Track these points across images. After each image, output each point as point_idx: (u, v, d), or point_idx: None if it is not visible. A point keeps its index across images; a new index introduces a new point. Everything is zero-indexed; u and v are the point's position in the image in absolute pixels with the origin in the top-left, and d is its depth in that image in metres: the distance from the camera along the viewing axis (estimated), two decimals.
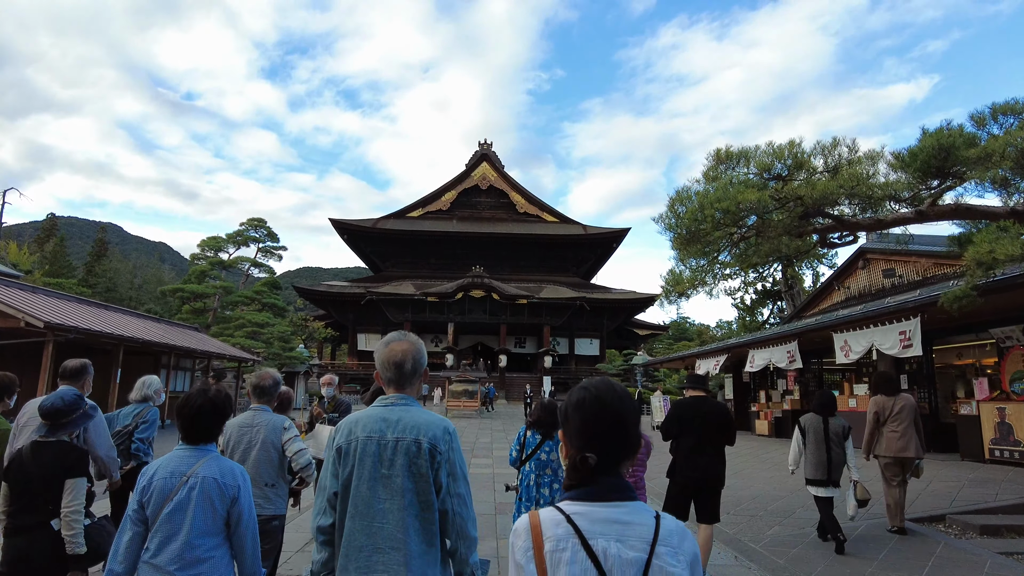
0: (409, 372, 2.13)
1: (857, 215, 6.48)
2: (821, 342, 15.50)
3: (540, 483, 4.53)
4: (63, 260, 61.63)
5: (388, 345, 2.17)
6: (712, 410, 5.13)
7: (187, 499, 2.29)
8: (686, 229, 5.77)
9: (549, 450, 4.60)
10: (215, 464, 2.40)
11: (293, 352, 32.36)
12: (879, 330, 11.36)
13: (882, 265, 18.06)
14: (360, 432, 2.02)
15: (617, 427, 1.29)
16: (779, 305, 41.11)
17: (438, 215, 56.89)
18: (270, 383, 3.81)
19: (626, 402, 1.32)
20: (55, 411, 3.06)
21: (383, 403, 2.10)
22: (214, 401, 2.52)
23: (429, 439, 1.99)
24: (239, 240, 35.68)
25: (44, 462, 2.94)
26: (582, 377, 47.04)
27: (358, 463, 1.98)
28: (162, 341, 17.76)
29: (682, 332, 68.78)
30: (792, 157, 5.68)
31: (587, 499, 1.25)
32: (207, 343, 23.52)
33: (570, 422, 1.34)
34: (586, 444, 1.28)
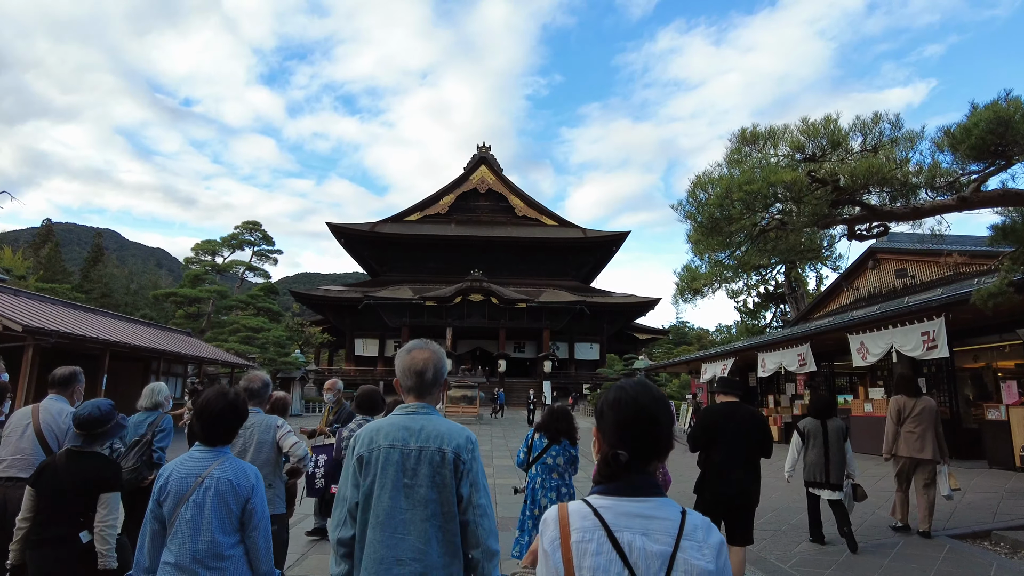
0: (430, 381, 2.10)
1: (887, 204, 5.95)
2: (834, 344, 14.95)
3: (546, 487, 4.57)
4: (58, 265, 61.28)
5: (409, 353, 2.13)
6: (746, 418, 4.57)
7: (203, 500, 2.32)
8: (708, 217, 5.23)
9: (556, 454, 4.63)
10: (229, 465, 2.43)
11: (289, 357, 31.76)
12: (899, 331, 10.82)
13: (893, 265, 17.55)
14: (382, 440, 1.98)
15: (650, 427, 1.33)
16: (781, 308, 40.59)
17: (436, 219, 56.36)
18: (259, 385, 3.83)
19: (660, 403, 1.36)
20: (92, 421, 3.00)
21: (404, 411, 2.06)
22: (234, 404, 2.53)
23: (453, 448, 1.97)
24: (234, 244, 35.08)
25: (78, 473, 2.90)
26: (582, 382, 46.80)
27: (380, 472, 1.94)
28: (150, 346, 17.17)
29: (681, 336, 68.29)
30: (828, 135, 5.16)
31: (615, 494, 1.29)
32: (199, 348, 22.93)
33: (605, 419, 1.38)
34: (619, 441, 1.33)
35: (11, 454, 3.65)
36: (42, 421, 3.73)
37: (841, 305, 20.18)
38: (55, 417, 3.78)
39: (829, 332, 13.32)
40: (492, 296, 45.63)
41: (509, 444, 17.56)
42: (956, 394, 12.38)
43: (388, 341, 50.51)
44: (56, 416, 3.79)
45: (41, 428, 3.72)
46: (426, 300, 45.65)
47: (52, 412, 3.79)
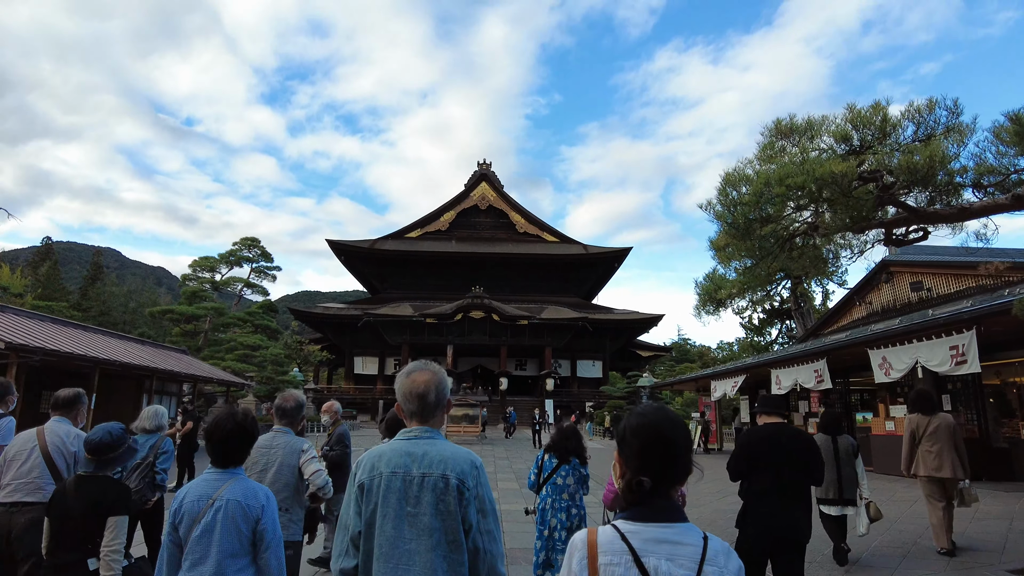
0: (433, 404, 2.04)
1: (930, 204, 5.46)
2: (851, 360, 14.43)
3: (556, 507, 4.51)
4: (56, 283, 60.97)
5: (410, 375, 2.08)
6: (793, 442, 4.03)
7: (213, 521, 2.32)
8: (742, 217, 4.75)
9: (565, 475, 4.60)
10: (240, 486, 2.42)
11: (286, 376, 31.12)
12: (925, 345, 10.29)
13: (908, 278, 17.05)
14: (384, 467, 1.93)
15: (671, 453, 1.36)
16: (787, 324, 40.02)
17: (437, 235, 56.00)
18: (292, 405, 3.74)
19: (680, 430, 1.40)
20: (103, 446, 2.98)
21: (406, 436, 2.01)
22: (243, 425, 2.53)
23: (457, 474, 1.91)
24: (232, 260, 34.63)
25: (86, 497, 2.88)
26: (585, 400, 46.06)
27: (382, 500, 1.88)
28: (142, 363, 16.61)
29: (683, 354, 67.54)
30: (876, 124, 4.70)
31: (641, 519, 1.33)
32: (194, 366, 22.35)
33: (627, 446, 1.42)
34: (642, 468, 1.36)
35: (15, 478, 3.57)
36: (50, 444, 3.66)
37: (853, 320, 19.65)
38: (63, 439, 3.71)
39: (848, 347, 12.78)
40: (493, 313, 45.08)
41: (514, 466, 16.91)
42: (984, 411, 11.81)
43: (388, 359, 49.84)
44: (64, 438, 3.73)
45: (49, 451, 3.65)
46: (426, 317, 45.10)
47: (60, 434, 3.73)
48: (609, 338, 50.83)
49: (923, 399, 6.76)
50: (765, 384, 20.18)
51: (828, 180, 4.31)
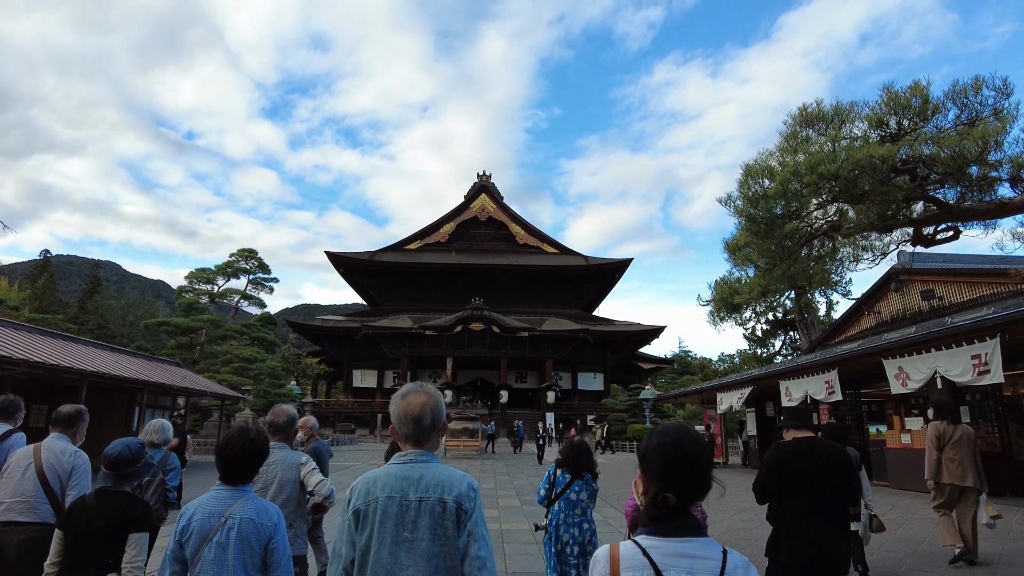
0: (428, 427, 1.99)
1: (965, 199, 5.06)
2: (863, 370, 13.98)
3: (569, 523, 4.49)
4: (52, 296, 60.86)
5: (405, 398, 2.03)
6: (829, 458, 3.59)
7: (226, 540, 2.30)
8: (764, 213, 4.35)
9: (579, 490, 4.58)
10: (252, 505, 2.42)
11: (283, 389, 30.64)
12: (945, 354, 9.86)
13: (918, 287, 16.64)
14: (380, 492, 1.87)
15: (693, 470, 1.41)
16: (790, 336, 39.57)
17: (436, 247, 55.71)
18: (284, 419, 3.70)
19: (701, 447, 1.44)
20: (122, 460, 2.95)
21: (402, 460, 1.95)
22: (255, 442, 2.51)
23: (454, 497, 1.86)
24: (229, 272, 34.21)
25: (108, 513, 2.84)
26: (586, 413, 45.45)
27: (378, 526, 1.82)
28: (133, 376, 16.15)
29: (684, 366, 66.95)
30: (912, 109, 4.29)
31: (662, 535, 1.37)
32: (188, 379, 21.86)
33: (650, 463, 1.46)
34: (666, 485, 1.39)
35: (10, 496, 3.48)
36: (44, 461, 3.58)
37: (861, 330, 19.21)
38: (58, 457, 3.62)
39: (861, 357, 12.34)
40: (493, 325, 44.62)
41: (515, 482, 16.39)
42: (1005, 424, 11.35)
43: (387, 372, 49.30)
44: (59, 456, 3.63)
45: (43, 468, 3.56)
46: (426, 329, 44.63)
47: (55, 452, 3.64)
48: (610, 350, 50.34)
49: (948, 408, 6.77)
50: (772, 396, 19.70)
51: (866, 166, 3.91)
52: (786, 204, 4.33)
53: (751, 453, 21.09)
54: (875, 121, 4.43)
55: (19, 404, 4.75)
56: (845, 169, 3.95)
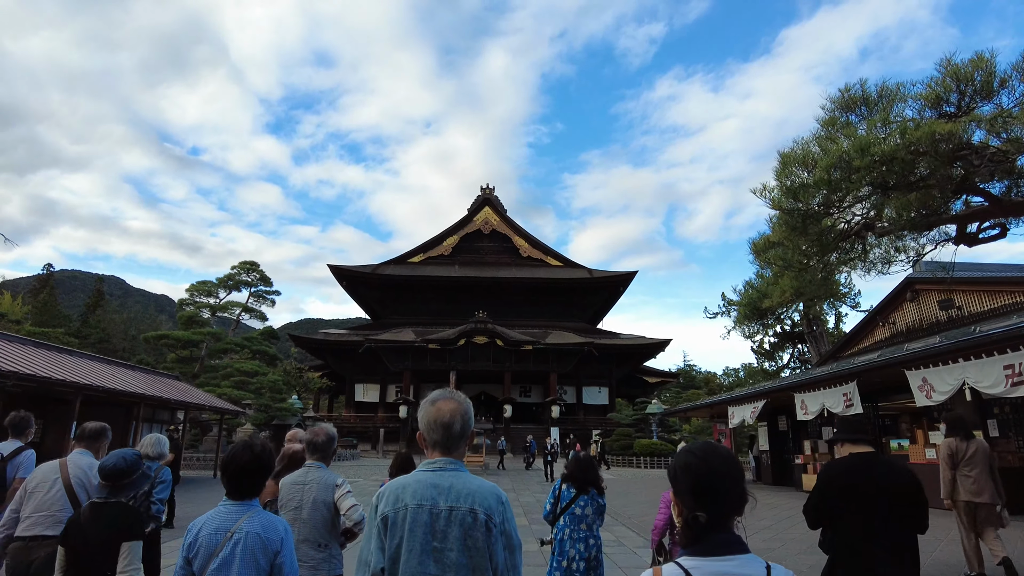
0: (458, 434, 1.97)
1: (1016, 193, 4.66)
2: (882, 382, 13.51)
3: (575, 537, 4.49)
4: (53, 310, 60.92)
5: (435, 403, 2.01)
6: (891, 476, 3.14)
7: (232, 555, 2.29)
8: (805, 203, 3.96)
9: (584, 504, 4.57)
10: (258, 519, 2.40)
11: (284, 403, 30.14)
12: (974, 364, 9.40)
13: (935, 296, 16.18)
14: (410, 500, 1.84)
15: (723, 486, 1.39)
16: (798, 349, 39.00)
17: (440, 260, 55.40)
18: (323, 439, 3.66)
19: (730, 462, 1.44)
20: (117, 472, 2.96)
21: (431, 467, 1.92)
22: (260, 457, 2.49)
23: (485, 509, 1.84)
24: (231, 284, 33.87)
25: (102, 524, 2.86)
26: (591, 428, 44.74)
27: (408, 534, 1.80)
28: (127, 389, 15.74)
29: (689, 380, 66.15)
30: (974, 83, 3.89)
31: (702, 554, 1.36)
32: (187, 393, 21.43)
33: (679, 484, 1.45)
34: (697, 504, 1.39)
35: (36, 511, 3.52)
36: (72, 475, 3.63)
37: (876, 341, 18.73)
38: (86, 472, 3.67)
39: (882, 368, 11.87)
40: (497, 338, 44.13)
41: (521, 499, 15.88)
42: None
43: (389, 386, 48.77)
44: (87, 470, 3.69)
45: (71, 482, 3.61)
46: (429, 343, 44.16)
47: (82, 466, 3.69)
48: (615, 364, 49.75)
49: (961, 423, 6.73)
50: (785, 410, 19.19)
51: (928, 145, 3.52)
52: (828, 193, 3.94)
53: (763, 468, 20.51)
54: (932, 99, 4.03)
55: (30, 420, 4.90)
56: (902, 150, 3.56)
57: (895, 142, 3.70)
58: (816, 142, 4.31)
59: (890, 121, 4.11)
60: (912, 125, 4.02)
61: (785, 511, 12.60)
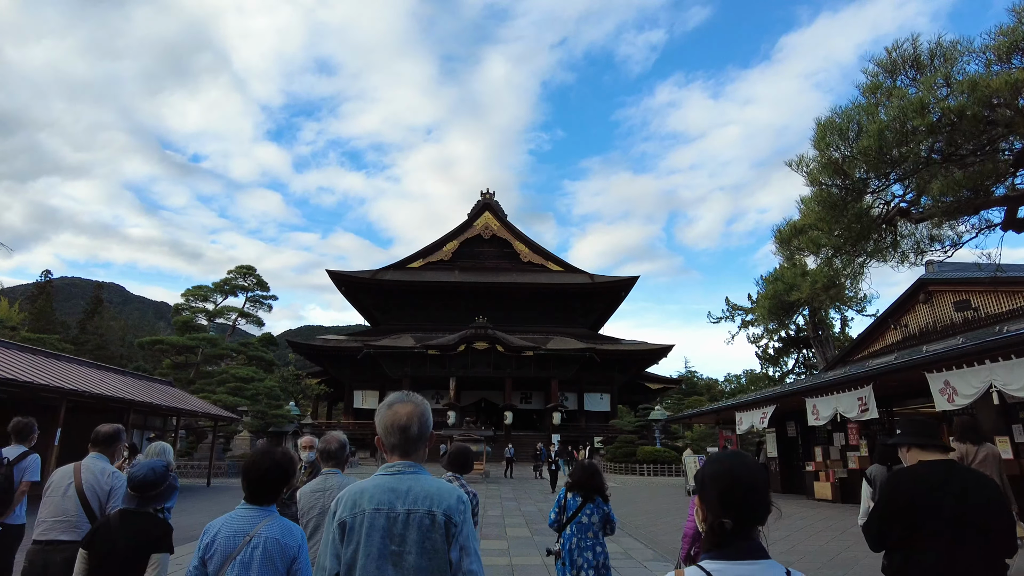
0: (415, 436, 1.96)
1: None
2: (897, 386, 13.00)
3: (582, 546, 4.45)
4: (50, 316, 60.67)
5: (391, 407, 2.00)
6: (973, 489, 2.60)
7: (250, 559, 2.31)
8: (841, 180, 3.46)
9: (591, 513, 4.54)
10: (277, 524, 2.42)
11: (281, 410, 29.60)
12: (1003, 366, 8.89)
13: (949, 298, 15.69)
14: (367, 504, 1.83)
15: (749, 495, 1.43)
16: (803, 354, 38.51)
17: (439, 266, 54.94)
18: (336, 446, 3.71)
19: (756, 473, 1.48)
20: (147, 483, 2.98)
21: (389, 471, 1.92)
22: (280, 463, 2.52)
23: (443, 510, 1.82)
24: (227, 289, 33.36)
25: (132, 534, 2.89)
26: (593, 435, 44.16)
27: (365, 539, 1.79)
28: (115, 395, 15.23)
29: (691, 387, 65.52)
30: None
31: (725, 558, 1.40)
32: (181, 399, 20.90)
33: (707, 491, 1.48)
34: (723, 511, 1.43)
35: (51, 515, 3.54)
36: (84, 481, 3.61)
37: (887, 345, 18.23)
38: (98, 476, 3.66)
39: (900, 371, 11.36)
40: (498, 344, 43.60)
41: (523, 508, 15.31)
42: None
43: (388, 393, 47.38)
44: (99, 475, 3.68)
45: (84, 488, 3.60)
46: (428, 349, 43.63)
47: (95, 471, 3.68)
48: (617, 370, 49.18)
49: (973, 428, 6.63)
50: (794, 415, 18.64)
51: (1008, 93, 3.04)
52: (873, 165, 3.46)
53: (772, 476, 19.93)
54: (1003, 49, 3.53)
55: (33, 426, 5.02)
56: (974, 104, 3.08)
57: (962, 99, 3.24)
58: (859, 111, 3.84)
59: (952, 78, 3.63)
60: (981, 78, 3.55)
61: (799, 521, 12.06)
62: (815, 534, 10.27)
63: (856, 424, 14.84)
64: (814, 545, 9.25)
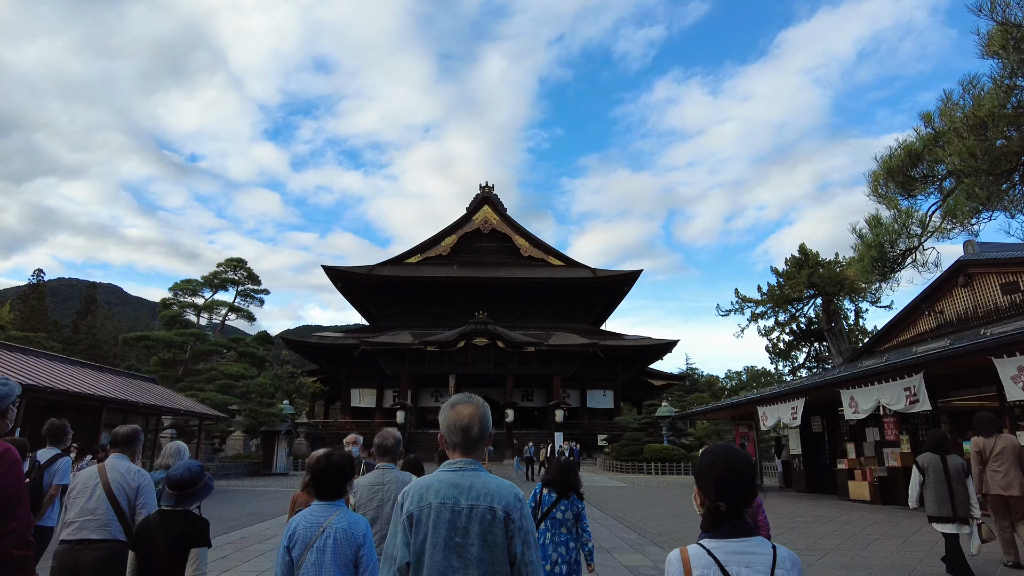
0: (476, 436, 2.10)
1: None
2: (949, 375, 11.74)
3: (556, 541, 4.55)
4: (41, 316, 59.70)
5: (454, 407, 2.14)
6: None
7: (324, 546, 2.65)
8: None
9: (564, 509, 4.63)
10: (345, 517, 2.77)
11: (274, 408, 28.23)
12: None
13: (994, 280, 14.42)
14: (433, 498, 1.97)
15: (741, 482, 1.66)
16: (815, 347, 37.23)
17: (438, 261, 53.66)
18: (391, 442, 3.92)
19: (746, 463, 1.71)
20: (184, 482, 3.15)
21: (452, 468, 2.06)
22: (338, 464, 2.88)
23: (503, 506, 1.95)
24: (216, 283, 31.97)
25: (171, 531, 3.05)
26: (596, 433, 42.91)
27: (432, 531, 1.92)
28: (84, 391, 13.92)
29: (692, 384, 64.39)
30: None
31: (721, 537, 1.63)
32: (164, 397, 19.60)
33: (704, 479, 1.72)
34: (719, 496, 1.65)
35: (80, 515, 3.61)
36: (111, 480, 3.69)
37: (919, 333, 16.97)
38: (124, 475, 3.75)
39: (958, 357, 10.09)
40: (498, 340, 42.33)
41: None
42: None
43: (387, 391, 46.94)
44: (125, 474, 3.76)
45: (111, 487, 3.68)
46: (427, 345, 42.34)
47: (120, 471, 3.76)
48: (621, 366, 47.94)
49: (984, 422, 7.08)
50: (822, 410, 17.38)
51: None
52: None
53: (795, 474, 18.66)
54: None
55: (66, 428, 5.31)
56: None
57: None
58: None
59: None
60: None
61: (845, 527, 10.74)
62: (872, 542, 8.99)
63: (894, 418, 13.58)
64: (879, 558, 7.95)
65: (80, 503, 3.65)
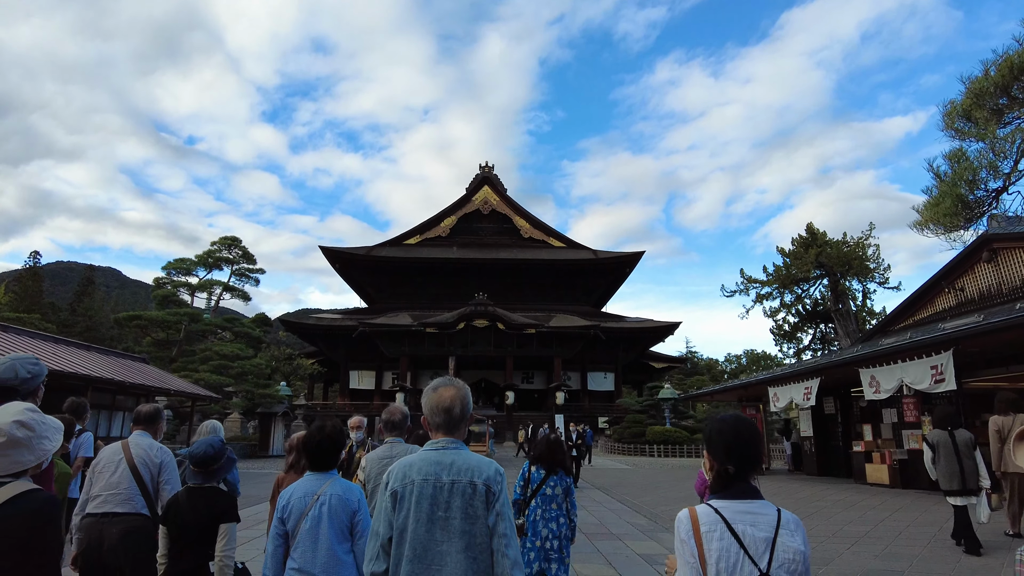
0: (458, 417, 2.16)
1: None
2: (975, 353, 11.11)
3: (547, 518, 4.61)
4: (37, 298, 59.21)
5: (436, 390, 2.20)
6: None
7: (319, 514, 2.69)
8: None
9: (554, 485, 4.72)
10: (338, 485, 2.83)
11: (269, 389, 27.69)
12: None
13: (1022, 255, 13.73)
14: (416, 475, 2.02)
15: (749, 447, 1.75)
16: (821, 329, 36.68)
17: (437, 242, 52.87)
18: (399, 417, 4.02)
19: (752, 429, 1.80)
20: (207, 458, 3.25)
21: (434, 447, 2.11)
22: (331, 436, 2.96)
23: (483, 480, 2.00)
24: (210, 262, 31.26)
25: (199, 508, 3.13)
26: (597, 415, 42.51)
27: (415, 506, 1.97)
28: (66, 370, 13.28)
29: (692, 367, 64.01)
30: None
31: (728, 498, 1.72)
32: (154, 377, 18.98)
33: (714, 444, 1.80)
34: (727, 459, 1.75)
35: (105, 489, 3.70)
36: (135, 456, 3.79)
37: (937, 311, 16.32)
38: (147, 451, 3.84)
39: (994, 332, 9.44)
40: (498, 321, 41.74)
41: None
42: None
43: (385, 373, 46.45)
44: (148, 450, 3.84)
45: (135, 463, 3.76)
46: (426, 327, 41.74)
47: (144, 447, 3.85)
48: (622, 348, 47.41)
49: (1007, 400, 7.22)
50: (834, 391, 16.80)
51: None
52: None
53: (806, 457, 18.12)
54: None
55: (85, 406, 5.76)
56: None
57: None
58: None
59: None
60: None
61: (870, 512, 10.14)
62: (903, 529, 8.40)
63: (914, 398, 12.97)
64: (916, 547, 7.35)
65: (105, 477, 3.75)
